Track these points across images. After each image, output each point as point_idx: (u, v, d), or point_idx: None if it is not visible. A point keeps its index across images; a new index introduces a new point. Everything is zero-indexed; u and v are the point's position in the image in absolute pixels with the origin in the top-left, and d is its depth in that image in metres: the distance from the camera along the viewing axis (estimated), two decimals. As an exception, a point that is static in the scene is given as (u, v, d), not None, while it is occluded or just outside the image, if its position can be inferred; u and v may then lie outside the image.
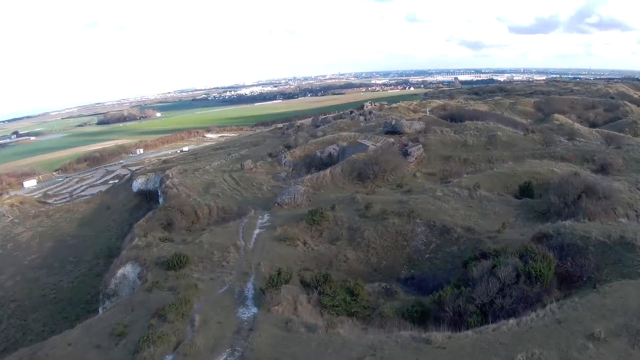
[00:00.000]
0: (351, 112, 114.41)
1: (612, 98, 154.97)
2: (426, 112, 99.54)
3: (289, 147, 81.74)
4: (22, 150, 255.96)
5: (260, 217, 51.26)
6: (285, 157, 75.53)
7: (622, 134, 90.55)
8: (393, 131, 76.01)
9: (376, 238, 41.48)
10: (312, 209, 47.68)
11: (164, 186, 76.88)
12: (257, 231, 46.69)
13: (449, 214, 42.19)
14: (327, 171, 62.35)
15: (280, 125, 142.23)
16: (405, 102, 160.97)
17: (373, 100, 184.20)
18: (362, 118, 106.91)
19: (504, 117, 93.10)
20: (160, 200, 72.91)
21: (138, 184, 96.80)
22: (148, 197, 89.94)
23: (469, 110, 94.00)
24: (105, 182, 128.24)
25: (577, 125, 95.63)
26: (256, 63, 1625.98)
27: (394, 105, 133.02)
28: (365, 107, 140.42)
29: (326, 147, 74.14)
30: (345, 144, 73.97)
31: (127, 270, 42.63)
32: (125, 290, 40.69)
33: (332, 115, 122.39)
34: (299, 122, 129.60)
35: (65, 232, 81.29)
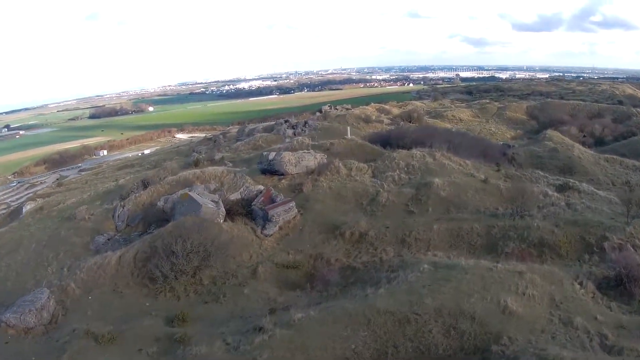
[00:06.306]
0: (286, 122, 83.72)
1: (621, 102, 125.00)
2: (349, 136, 67.07)
3: (145, 186, 51.29)
4: (5, 146, 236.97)
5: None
6: (121, 207, 45.33)
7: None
8: (271, 171, 44.44)
9: None
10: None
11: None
12: None
13: None
14: (115, 256, 32.03)
15: (210, 135, 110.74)
16: (374, 104, 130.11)
17: (355, 99, 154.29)
18: (290, 131, 75.73)
19: (472, 138, 61.00)
20: None
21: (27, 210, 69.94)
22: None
23: (415, 130, 61.37)
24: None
25: (577, 150, 63.65)
26: (258, 57, 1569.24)
27: (348, 111, 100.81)
28: (321, 111, 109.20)
29: (175, 193, 43.44)
30: (200, 187, 43.51)
31: None
32: None
33: (262, 124, 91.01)
34: (232, 131, 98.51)
35: None
